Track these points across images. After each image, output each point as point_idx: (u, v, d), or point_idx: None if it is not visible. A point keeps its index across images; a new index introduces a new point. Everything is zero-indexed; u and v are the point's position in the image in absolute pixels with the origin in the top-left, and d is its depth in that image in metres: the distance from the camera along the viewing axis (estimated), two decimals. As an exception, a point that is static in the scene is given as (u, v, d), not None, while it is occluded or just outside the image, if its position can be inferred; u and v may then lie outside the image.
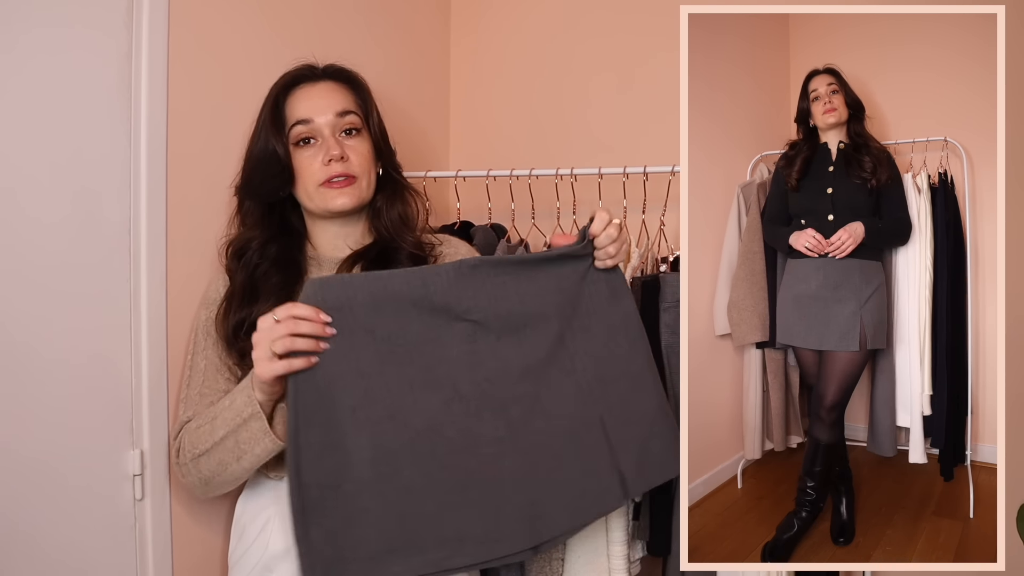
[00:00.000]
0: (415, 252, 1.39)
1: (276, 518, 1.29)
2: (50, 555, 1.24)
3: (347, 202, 1.35)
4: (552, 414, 1.21)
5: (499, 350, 1.20)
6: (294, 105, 1.36)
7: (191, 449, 1.25)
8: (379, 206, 1.42)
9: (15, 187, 1.20)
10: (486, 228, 1.75)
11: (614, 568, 1.49)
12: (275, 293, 1.30)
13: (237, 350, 1.30)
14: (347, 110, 1.37)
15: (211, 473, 1.24)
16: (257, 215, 1.39)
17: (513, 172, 1.73)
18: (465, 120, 2.17)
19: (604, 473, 1.23)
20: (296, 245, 1.40)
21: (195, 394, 1.31)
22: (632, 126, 1.97)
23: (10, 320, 1.20)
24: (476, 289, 1.19)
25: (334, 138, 1.35)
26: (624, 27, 1.99)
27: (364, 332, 1.13)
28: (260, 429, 1.18)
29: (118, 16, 1.33)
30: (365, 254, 1.38)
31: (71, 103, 1.27)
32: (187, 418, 1.30)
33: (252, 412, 1.17)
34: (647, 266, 1.68)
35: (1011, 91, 1.37)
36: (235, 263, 1.37)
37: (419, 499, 1.14)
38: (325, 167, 1.33)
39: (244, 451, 1.20)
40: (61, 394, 1.26)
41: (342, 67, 1.42)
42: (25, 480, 1.21)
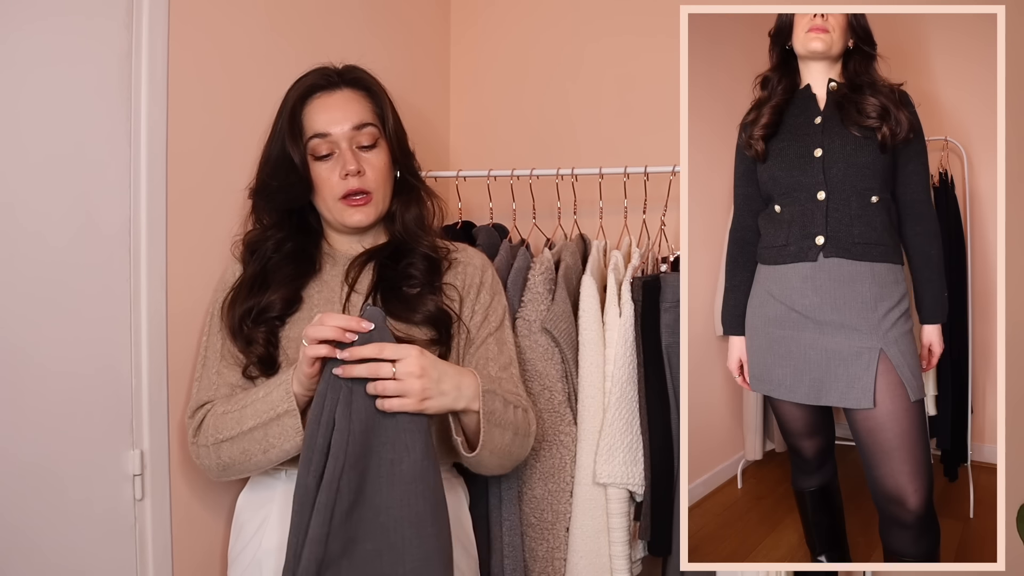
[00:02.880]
0: (430, 254, 1.40)
1: (274, 516, 1.30)
2: (50, 555, 1.24)
3: (363, 219, 1.38)
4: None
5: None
6: (312, 116, 1.37)
7: (214, 433, 1.26)
8: (395, 210, 1.43)
9: (15, 187, 1.20)
10: (488, 228, 1.75)
11: (615, 568, 1.50)
12: (285, 284, 1.33)
13: (243, 338, 1.31)
14: (365, 122, 1.38)
15: (232, 460, 1.26)
16: (276, 216, 1.41)
17: (514, 172, 1.73)
18: (466, 120, 2.17)
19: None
20: (313, 242, 1.43)
21: (213, 373, 1.33)
22: (633, 126, 1.97)
23: (10, 320, 1.20)
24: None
25: (351, 151, 1.36)
26: (624, 27, 1.98)
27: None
28: (293, 427, 1.20)
29: (118, 16, 1.33)
30: (379, 252, 1.40)
31: (71, 103, 1.27)
32: (206, 398, 1.32)
33: (288, 408, 1.20)
34: (647, 266, 1.68)
35: (1011, 91, 1.36)
36: (249, 256, 1.39)
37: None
38: (342, 181, 1.35)
39: (272, 445, 1.22)
40: (61, 394, 1.26)
41: (360, 73, 1.43)
42: (25, 480, 1.21)
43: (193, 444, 1.31)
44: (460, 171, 1.81)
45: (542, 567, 1.52)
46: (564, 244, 1.68)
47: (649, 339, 1.55)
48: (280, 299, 1.32)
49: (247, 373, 1.32)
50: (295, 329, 1.32)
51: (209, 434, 1.27)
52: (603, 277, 1.61)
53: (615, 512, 1.50)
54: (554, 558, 1.51)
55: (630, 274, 1.58)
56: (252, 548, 1.31)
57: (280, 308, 1.32)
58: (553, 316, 1.54)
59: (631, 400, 1.53)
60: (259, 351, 1.30)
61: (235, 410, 1.25)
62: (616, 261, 1.60)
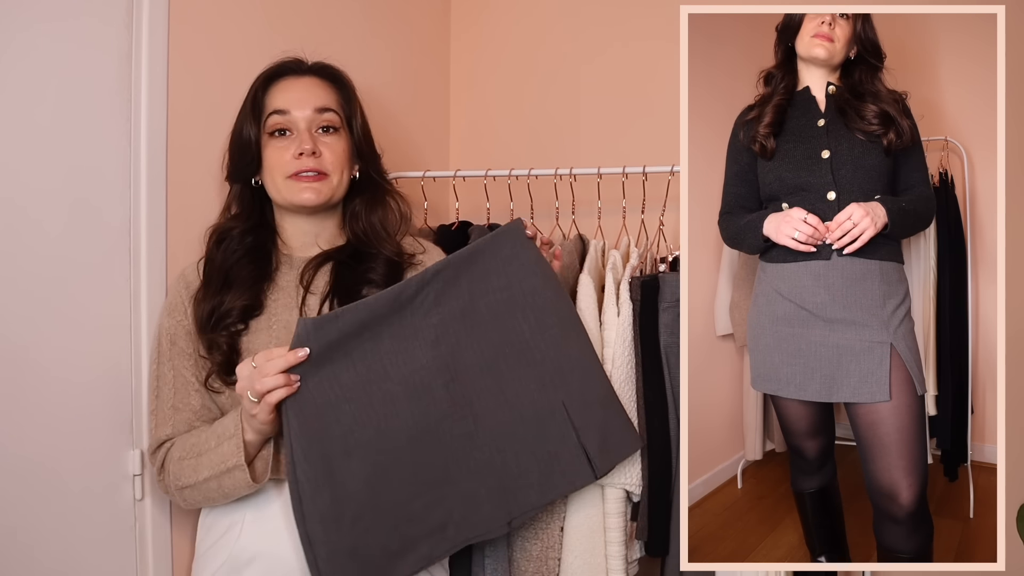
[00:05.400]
0: (393, 259, 1.37)
1: (248, 521, 1.28)
2: (50, 555, 1.24)
3: (312, 197, 1.33)
4: (515, 404, 1.28)
5: (459, 350, 1.26)
6: (274, 95, 1.36)
7: (175, 480, 1.26)
8: (357, 209, 1.41)
9: (15, 188, 1.20)
10: (483, 228, 1.75)
11: (611, 568, 1.49)
12: (247, 287, 1.32)
13: (206, 339, 1.30)
14: (326, 107, 1.36)
15: (197, 502, 1.28)
16: (243, 203, 1.39)
17: (512, 172, 1.73)
18: (465, 120, 2.17)
19: (571, 454, 1.31)
20: (270, 239, 1.39)
21: (167, 407, 1.30)
22: (631, 126, 1.97)
23: (10, 320, 1.20)
24: (438, 292, 1.25)
25: (308, 132, 1.34)
26: (624, 27, 1.98)
27: (343, 356, 1.18)
28: (243, 480, 1.20)
29: (118, 16, 1.33)
30: (336, 255, 1.37)
31: (71, 103, 1.27)
32: (165, 436, 1.29)
33: (236, 463, 1.20)
34: (646, 266, 1.68)
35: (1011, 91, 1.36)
36: (215, 248, 1.37)
37: (408, 504, 1.23)
38: (295, 160, 1.32)
39: (229, 493, 1.23)
40: (61, 394, 1.26)
41: (328, 64, 1.41)
42: (25, 480, 1.22)
43: (160, 482, 1.30)
44: (458, 171, 1.81)
45: (536, 567, 1.51)
46: (562, 244, 1.67)
47: (647, 339, 1.55)
48: (239, 308, 1.30)
49: (209, 384, 1.29)
50: (255, 338, 1.30)
51: (171, 480, 1.27)
52: (601, 277, 1.60)
53: (612, 512, 1.50)
54: (548, 557, 1.50)
55: (628, 274, 1.58)
56: (223, 549, 1.28)
57: (238, 316, 1.30)
58: (551, 316, 1.54)
59: (629, 400, 1.53)
60: (219, 359, 1.28)
61: (191, 457, 1.24)
62: (614, 261, 1.59)
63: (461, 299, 1.27)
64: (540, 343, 1.31)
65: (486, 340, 1.28)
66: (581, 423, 1.31)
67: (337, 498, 1.18)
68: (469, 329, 1.27)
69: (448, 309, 1.26)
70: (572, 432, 1.31)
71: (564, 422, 1.31)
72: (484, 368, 1.28)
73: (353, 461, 1.19)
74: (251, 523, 1.27)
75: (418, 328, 1.24)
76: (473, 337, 1.27)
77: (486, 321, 1.28)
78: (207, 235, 1.39)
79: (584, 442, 1.31)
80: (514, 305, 1.30)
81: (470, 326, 1.27)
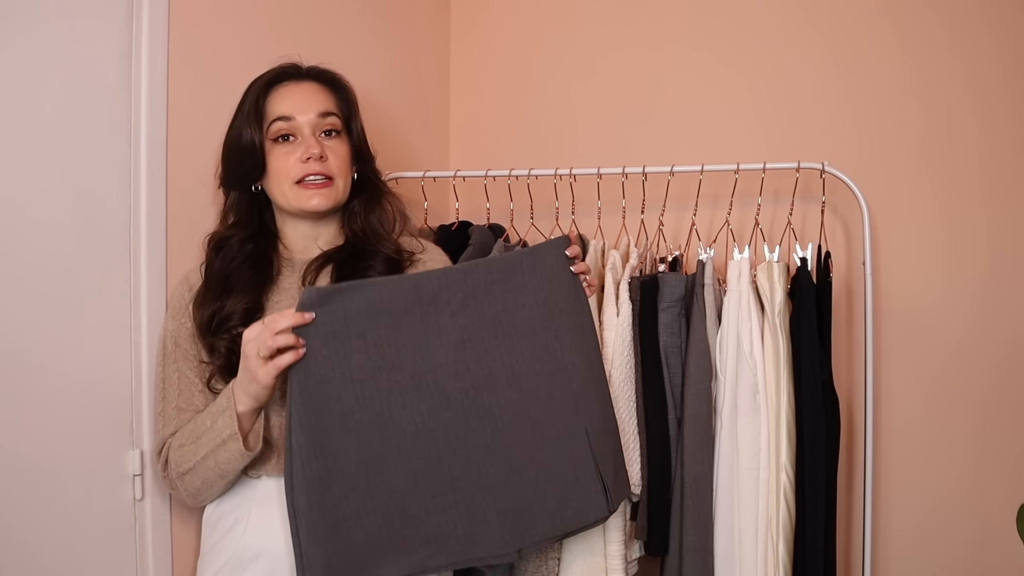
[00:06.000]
0: (392, 256, 1.38)
1: (252, 516, 1.28)
2: (50, 555, 1.24)
3: (322, 203, 1.34)
4: (539, 423, 1.23)
5: (486, 358, 1.21)
6: (276, 101, 1.36)
7: (176, 467, 1.27)
8: (355, 210, 1.41)
9: (15, 188, 1.20)
10: (483, 228, 1.75)
11: (611, 568, 1.49)
12: (248, 291, 1.31)
13: (207, 343, 1.30)
14: (329, 111, 1.37)
15: (196, 489, 1.27)
16: (242, 211, 1.39)
17: (512, 172, 1.74)
18: (465, 120, 2.17)
19: (589, 483, 1.26)
20: (271, 245, 1.40)
21: (172, 409, 1.31)
22: (631, 126, 1.97)
23: (10, 320, 1.20)
24: (466, 295, 1.21)
25: (314, 137, 1.34)
26: (623, 27, 1.99)
27: (357, 337, 1.15)
28: (236, 450, 1.20)
29: (118, 16, 1.33)
30: (336, 255, 1.37)
31: (71, 103, 1.27)
32: (169, 433, 1.30)
33: (230, 433, 1.20)
34: (646, 266, 1.68)
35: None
36: (214, 255, 1.37)
37: (404, 501, 1.17)
38: (303, 164, 1.33)
39: (225, 470, 1.23)
40: (61, 394, 1.26)
41: (326, 69, 1.42)
42: (25, 480, 1.22)
43: (165, 478, 1.31)
44: (458, 171, 1.82)
45: (536, 567, 1.51)
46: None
47: (647, 339, 1.56)
48: (241, 311, 1.30)
49: (211, 386, 1.30)
50: None
51: (172, 468, 1.28)
52: (601, 277, 1.61)
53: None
54: (548, 557, 1.50)
55: (628, 274, 1.58)
56: (228, 546, 1.29)
57: (240, 319, 1.30)
58: (551, 316, 1.54)
59: (628, 400, 1.53)
60: (220, 362, 1.28)
61: (190, 442, 1.26)
62: (614, 261, 1.60)
63: (493, 307, 1.23)
64: (570, 366, 1.26)
65: (516, 353, 1.23)
66: (599, 453, 1.27)
67: (327, 471, 1.14)
68: (500, 339, 1.22)
69: (478, 315, 1.21)
70: (592, 460, 1.26)
71: (585, 449, 1.25)
72: (511, 381, 1.22)
73: (349, 440, 1.15)
74: (255, 520, 1.27)
75: (443, 327, 1.19)
76: (503, 348, 1.22)
77: (519, 334, 1.24)
78: (205, 242, 1.40)
79: (602, 473, 1.26)
80: (549, 324, 1.26)
81: (501, 336, 1.23)
